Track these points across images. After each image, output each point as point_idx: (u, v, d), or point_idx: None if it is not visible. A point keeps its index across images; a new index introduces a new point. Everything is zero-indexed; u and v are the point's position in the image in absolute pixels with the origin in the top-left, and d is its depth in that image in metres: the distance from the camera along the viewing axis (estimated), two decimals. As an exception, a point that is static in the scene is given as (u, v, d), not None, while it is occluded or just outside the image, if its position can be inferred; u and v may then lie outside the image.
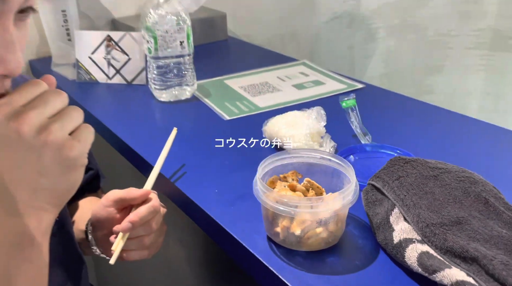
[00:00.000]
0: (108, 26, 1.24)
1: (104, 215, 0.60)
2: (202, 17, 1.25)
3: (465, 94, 2.03)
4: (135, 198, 0.58)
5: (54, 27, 1.08)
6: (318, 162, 0.58)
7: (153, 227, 0.58)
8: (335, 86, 0.97)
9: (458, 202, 0.51)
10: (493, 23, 1.87)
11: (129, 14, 1.26)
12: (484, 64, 1.95)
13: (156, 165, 0.64)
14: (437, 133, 0.79)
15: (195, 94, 0.94)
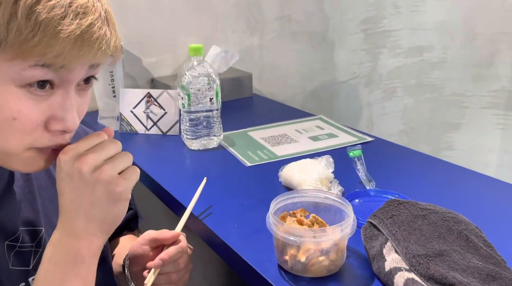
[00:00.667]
0: (148, 84, 1.41)
1: (139, 252, 0.69)
2: (230, 77, 1.40)
3: (484, 151, 2.07)
4: (167, 239, 0.67)
5: (102, 85, 1.24)
6: (323, 201, 0.67)
7: (180, 265, 0.67)
8: (347, 139, 1.07)
9: (442, 237, 0.58)
10: (508, 85, 1.95)
11: (166, 74, 1.42)
12: (501, 123, 2.01)
13: (187, 209, 0.74)
14: (437, 183, 0.87)
15: (221, 144, 1.06)
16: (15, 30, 0.40)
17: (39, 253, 0.58)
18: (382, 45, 1.90)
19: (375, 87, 1.96)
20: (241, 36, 1.54)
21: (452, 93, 2.03)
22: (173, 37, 1.41)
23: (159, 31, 1.38)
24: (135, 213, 0.84)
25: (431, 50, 1.96)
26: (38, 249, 0.58)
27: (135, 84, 1.38)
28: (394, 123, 2.06)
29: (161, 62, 1.41)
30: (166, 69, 1.43)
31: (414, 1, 1.86)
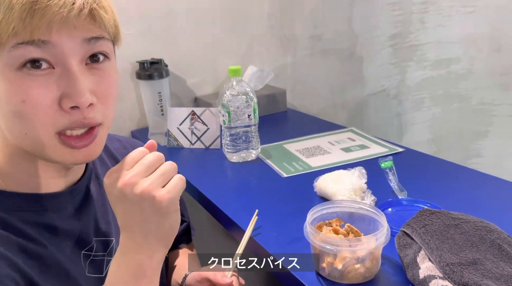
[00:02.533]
0: (192, 102, 1.44)
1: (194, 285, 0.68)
2: (266, 93, 1.42)
3: None
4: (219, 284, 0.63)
5: (152, 105, 1.28)
6: (357, 211, 0.66)
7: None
8: (378, 150, 1.05)
9: (475, 246, 0.57)
10: (534, 93, 1.86)
11: (208, 92, 1.46)
12: (529, 130, 1.92)
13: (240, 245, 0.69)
14: (468, 192, 0.84)
15: (259, 156, 1.07)
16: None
17: (110, 261, 0.58)
18: (409, 58, 1.86)
19: (404, 99, 1.92)
20: (275, 55, 1.56)
21: (479, 102, 1.96)
22: (214, 58, 1.44)
23: (201, 53, 1.41)
24: (188, 226, 0.85)
25: (458, 62, 1.91)
26: (110, 258, 0.59)
27: (180, 103, 1.42)
28: (423, 132, 2.01)
29: (203, 81, 1.44)
30: (208, 88, 1.46)
31: (440, 16, 1.82)
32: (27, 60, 0.43)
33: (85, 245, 0.56)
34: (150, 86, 1.27)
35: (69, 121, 0.46)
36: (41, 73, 0.44)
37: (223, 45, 1.44)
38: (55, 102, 0.44)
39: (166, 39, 1.34)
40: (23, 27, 0.41)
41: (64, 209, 0.55)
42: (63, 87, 0.44)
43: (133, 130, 1.35)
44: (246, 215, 0.80)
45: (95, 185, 0.60)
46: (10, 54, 0.42)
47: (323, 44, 1.64)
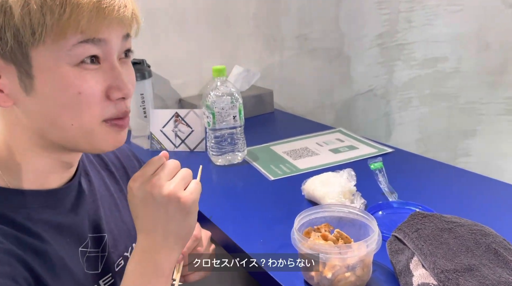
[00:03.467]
0: (176, 104, 1.40)
1: None
2: (252, 94, 1.38)
3: (501, 156, 1.98)
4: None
5: (134, 107, 1.24)
6: (347, 216, 0.63)
7: (199, 250, 0.67)
8: (367, 151, 1.03)
9: (470, 251, 0.54)
10: (521, 91, 1.87)
11: (193, 94, 1.42)
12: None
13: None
14: (459, 192, 0.82)
15: (245, 159, 1.04)
16: (49, 12, 0.43)
17: (105, 257, 0.59)
18: (396, 58, 1.85)
19: (391, 98, 1.91)
20: (262, 55, 1.52)
21: (467, 101, 1.96)
22: (198, 59, 1.40)
23: (185, 54, 1.37)
24: None
25: (445, 61, 1.90)
26: (104, 254, 0.59)
27: (164, 105, 1.38)
28: (411, 132, 1.99)
29: (187, 83, 1.40)
30: (193, 89, 1.42)
31: (426, 15, 1.81)
32: (86, 57, 0.46)
33: (81, 241, 0.56)
34: (132, 88, 1.23)
35: (116, 110, 0.50)
36: (93, 68, 0.47)
37: (208, 45, 1.40)
38: (104, 93, 0.48)
39: (149, 39, 1.30)
40: (89, 26, 0.44)
41: (63, 205, 0.55)
42: (109, 80, 0.48)
43: (115, 134, 1.31)
44: (231, 222, 0.77)
45: (86, 181, 0.60)
46: (71, 52, 0.45)
47: (310, 44, 1.61)
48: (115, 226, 0.62)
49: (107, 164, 0.67)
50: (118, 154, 0.70)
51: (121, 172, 0.69)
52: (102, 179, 0.64)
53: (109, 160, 0.68)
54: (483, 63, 1.87)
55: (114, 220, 0.62)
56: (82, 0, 0.44)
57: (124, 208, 0.66)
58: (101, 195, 0.62)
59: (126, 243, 0.63)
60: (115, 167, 0.68)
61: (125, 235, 0.64)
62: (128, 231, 0.64)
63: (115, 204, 0.64)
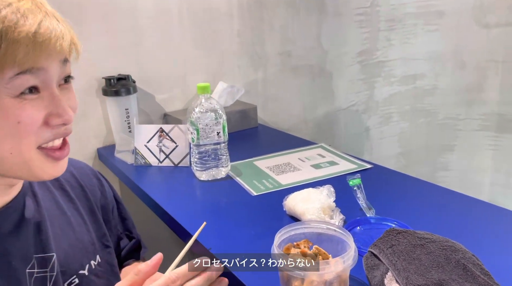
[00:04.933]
0: (161, 119, 1.41)
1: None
2: (236, 109, 1.40)
3: (478, 171, 2.04)
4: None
5: (119, 122, 1.25)
6: (325, 232, 0.65)
7: None
8: (347, 166, 1.05)
9: (440, 267, 0.56)
10: (497, 108, 1.93)
11: (177, 108, 1.43)
12: (493, 144, 1.98)
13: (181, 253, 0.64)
14: (434, 209, 0.85)
15: (229, 174, 1.05)
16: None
17: (53, 277, 0.58)
18: (377, 74, 1.90)
19: (373, 114, 1.95)
20: (246, 71, 1.55)
21: (445, 117, 2.02)
22: (183, 74, 1.42)
23: (170, 69, 1.39)
24: (138, 243, 0.84)
25: (423, 78, 1.96)
26: (52, 274, 0.58)
27: (149, 119, 1.39)
28: (392, 146, 2.04)
29: (172, 98, 1.42)
30: (177, 104, 1.43)
31: (405, 34, 1.87)
32: (26, 88, 0.47)
33: (27, 263, 0.56)
34: (117, 103, 1.24)
35: (52, 135, 0.51)
36: (33, 97, 0.48)
37: (193, 61, 1.43)
38: (43, 120, 0.49)
39: (134, 55, 1.32)
40: (26, 60, 0.46)
41: (2, 228, 0.55)
42: (49, 108, 0.49)
43: (99, 148, 1.31)
44: (214, 236, 0.78)
45: (32, 202, 0.60)
46: (9, 84, 0.46)
47: (293, 61, 1.65)
48: (68, 244, 0.62)
49: (61, 183, 0.67)
50: (75, 172, 0.71)
51: (77, 191, 0.69)
52: (53, 198, 0.64)
53: (63, 179, 0.68)
54: (460, 81, 1.94)
55: (66, 239, 0.62)
56: (18, 35, 0.44)
57: (79, 226, 0.66)
58: (50, 214, 0.62)
59: (81, 261, 0.63)
60: (70, 186, 0.68)
61: (80, 253, 0.64)
62: (84, 249, 0.64)
63: (67, 222, 0.64)
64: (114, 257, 0.72)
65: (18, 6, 0.46)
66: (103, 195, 0.74)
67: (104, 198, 0.74)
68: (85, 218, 0.68)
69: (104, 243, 0.70)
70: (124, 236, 0.82)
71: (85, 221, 0.68)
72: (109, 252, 0.71)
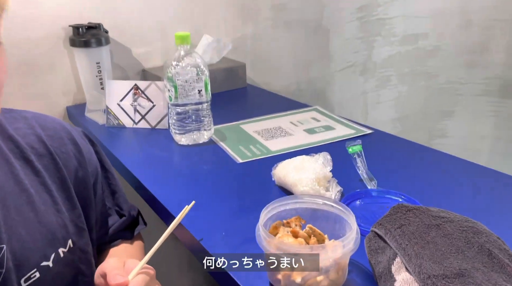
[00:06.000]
0: (138, 76, 1.27)
1: (97, 282, 0.53)
2: (223, 67, 1.27)
3: (477, 138, 1.96)
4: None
5: (89, 77, 1.11)
6: (321, 208, 0.55)
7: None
8: (344, 132, 0.95)
9: (460, 252, 0.47)
10: (501, 72, 1.83)
11: (157, 65, 1.29)
12: (494, 110, 1.89)
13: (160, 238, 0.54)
14: (443, 179, 0.75)
15: (212, 138, 0.94)
16: None
17: (2, 274, 0.46)
18: (377, 33, 1.76)
19: (370, 76, 1.83)
20: (234, 25, 1.40)
21: (446, 81, 1.91)
22: (164, 26, 1.27)
23: (148, 20, 1.24)
24: (130, 220, 0.72)
25: (426, 38, 1.83)
26: (1, 270, 0.47)
27: (125, 76, 1.25)
28: (388, 111, 1.94)
29: (151, 52, 1.27)
30: (157, 59, 1.29)
31: (409, -13, 1.72)
32: None
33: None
34: (87, 55, 1.09)
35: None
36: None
37: (175, 11, 1.27)
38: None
39: (106, 0, 1.16)
40: None
41: None
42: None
43: (68, 107, 1.18)
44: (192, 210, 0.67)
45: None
46: None
47: (287, 15, 1.50)
48: (26, 231, 0.50)
49: (23, 151, 0.54)
50: (44, 135, 0.57)
51: (45, 160, 0.56)
52: (11, 171, 0.51)
53: (27, 145, 0.54)
54: (464, 42, 1.82)
55: (25, 223, 0.50)
56: None
57: (46, 205, 0.53)
58: (4, 193, 0.49)
59: (44, 250, 0.51)
60: (36, 154, 0.55)
61: (44, 240, 0.51)
62: (49, 234, 0.52)
63: (29, 201, 0.51)
64: (89, 242, 0.60)
65: None
66: (81, 166, 0.60)
67: (83, 169, 0.60)
68: (54, 194, 0.55)
69: (78, 225, 0.57)
70: (114, 212, 0.69)
71: (55, 199, 0.55)
72: (83, 235, 0.58)
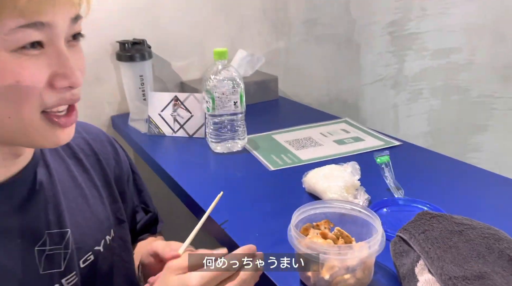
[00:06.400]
0: (177, 88, 1.35)
1: (146, 261, 0.62)
2: (256, 79, 1.33)
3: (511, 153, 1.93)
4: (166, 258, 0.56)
5: (133, 89, 1.20)
6: (349, 212, 0.59)
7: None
8: (373, 143, 0.98)
9: (481, 257, 0.49)
10: (537, 86, 1.80)
11: (194, 77, 1.37)
12: (530, 125, 1.86)
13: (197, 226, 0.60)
14: (469, 191, 0.77)
15: (245, 147, 0.99)
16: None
17: (68, 254, 0.54)
18: (408, 47, 1.78)
19: (401, 89, 1.85)
20: (267, 40, 1.47)
21: (479, 95, 1.90)
22: (201, 41, 1.35)
23: (187, 35, 1.32)
24: (155, 217, 0.79)
25: (459, 52, 1.83)
26: (67, 251, 0.54)
27: (164, 88, 1.33)
28: (420, 124, 1.94)
29: (189, 65, 1.35)
30: (195, 72, 1.37)
31: (442, 3, 1.74)
32: (27, 43, 0.41)
33: (37, 240, 0.51)
34: (131, 69, 1.18)
35: (57, 99, 0.45)
36: (35, 53, 0.42)
37: (212, 26, 1.35)
38: (47, 82, 0.43)
39: (150, 19, 1.25)
40: (29, 6, 0.39)
41: (9, 202, 0.49)
42: (54, 67, 0.43)
43: (113, 116, 1.27)
44: (227, 212, 0.73)
45: (44, 173, 0.54)
46: (9, 37, 0.40)
47: (319, 30, 1.55)
48: (83, 219, 0.57)
49: (75, 150, 0.61)
50: (89, 138, 0.65)
51: (92, 159, 0.63)
52: (67, 168, 0.59)
53: (76, 146, 0.62)
54: (498, 56, 1.80)
55: (81, 213, 0.57)
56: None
57: (94, 198, 0.60)
58: (64, 186, 0.56)
59: (97, 236, 0.58)
60: (85, 154, 0.62)
61: (96, 228, 0.59)
62: (99, 223, 0.59)
63: (82, 194, 0.59)
64: (128, 232, 0.68)
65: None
66: (118, 165, 0.69)
67: (119, 168, 0.69)
68: (100, 190, 0.63)
69: (118, 217, 0.65)
70: (140, 209, 0.77)
71: (100, 194, 0.63)
72: (123, 226, 0.66)
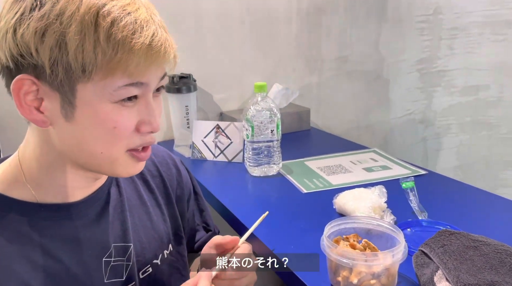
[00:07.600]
0: (217, 117, 1.48)
1: (207, 257, 0.66)
2: (290, 111, 1.44)
3: (544, 189, 1.92)
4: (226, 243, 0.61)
5: (179, 117, 1.33)
6: (375, 228, 0.67)
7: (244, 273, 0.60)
8: (400, 171, 1.05)
9: (494, 269, 0.56)
10: None
11: (233, 108, 1.49)
12: (562, 162, 1.86)
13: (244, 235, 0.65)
14: (489, 216, 0.83)
15: (280, 171, 1.09)
16: (100, 53, 0.45)
17: (129, 266, 0.61)
18: (436, 84, 1.86)
19: (430, 124, 1.90)
20: (301, 74, 1.59)
21: (509, 131, 1.92)
22: (240, 75, 1.48)
23: (228, 70, 1.46)
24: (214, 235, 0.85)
25: (487, 89, 1.88)
26: (129, 263, 0.61)
27: (206, 117, 1.46)
28: (450, 159, 1.97)
29: (228, 97, 1.48)
30: (233, 104, 1.49)
31: (469, 43, 1.82)
32: (127, 97, 0.49)
33: (105, 251, 0.58)
34: (178, 100, 1.32)
35: (140, 142, 0.53)
36: (131, 105, 0.51)
37: (250, 63, 1.48)
38: (135, 127, 0.52)
39: (196, 55, 1.39)
40: (136, 70, 0.47)
41: (86, 216, 0.57)
42: (142, 115, 0.51)
43: (159, 142, 1.40)
44: (265, 228, 0.81)
45: (115, 191, 0.62)
46: (116, 92, 0.48)
47: (349, 66, 1.66)
48: (145, 235, 0.64)
49: (143, 172, 0.68)
50: (157, 161, 0.72)
51: (157, 180, 0.70)
52: (135, 188, 0.66)
53: (145, 168, 0.69)
54: (527, 94, 1.84)
55: (144, 229, 0.64)
56: (135, 46, 0.46)
57: (157, 216, 0.67)
58: (131, 204, 0.64)
59: (155, 251, 0.65)
60: (151, 175, 0.70)
61: (155, 243, 0.65)
62: (159, 239, 0.66)
63: (147, 212, 0.66)
64: (185, 247, 0.73)
65: (136, 16, 0.47)
66: (180, 185, 0.74)
67: (180, 188, 0.74)
68: (163, 208, 0.69)
69: (178, 234, 0.71)
70: (201, 228, 0.82)
71: (163, 211, 0.69)
72: (181, 242, 0.72)
